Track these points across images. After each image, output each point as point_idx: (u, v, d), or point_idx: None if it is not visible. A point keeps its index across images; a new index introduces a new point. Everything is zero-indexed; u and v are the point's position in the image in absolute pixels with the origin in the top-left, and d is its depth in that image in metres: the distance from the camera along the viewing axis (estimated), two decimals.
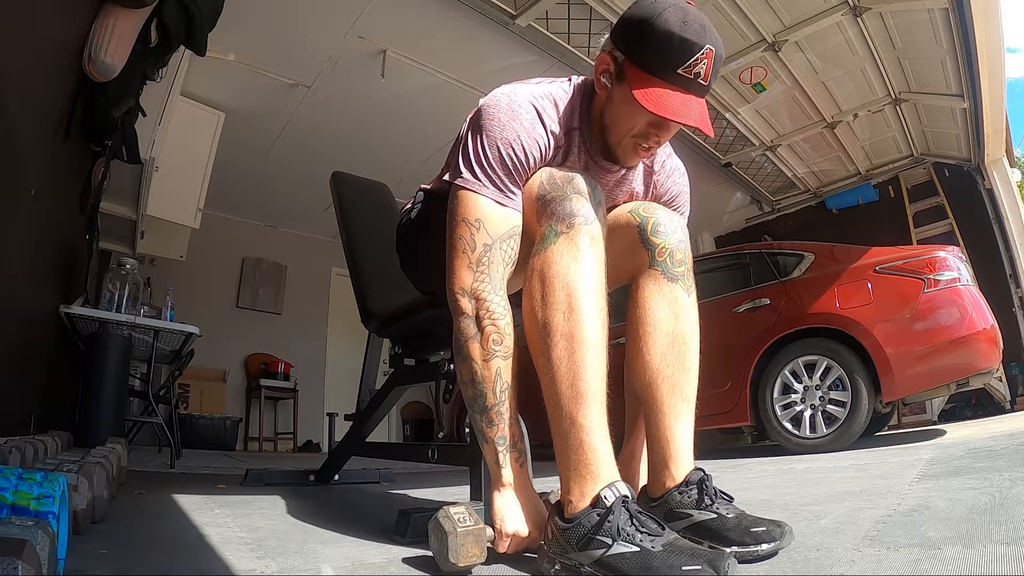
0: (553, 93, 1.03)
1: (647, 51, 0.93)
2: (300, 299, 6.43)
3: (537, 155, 0.98)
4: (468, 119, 1.03)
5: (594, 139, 1.05)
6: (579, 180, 0.93)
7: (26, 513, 0.71)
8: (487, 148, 0.96)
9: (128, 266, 3.06)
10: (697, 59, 0.91)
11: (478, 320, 0.93)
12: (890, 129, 4.88)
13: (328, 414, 2.53)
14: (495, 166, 0.95)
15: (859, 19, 3.58)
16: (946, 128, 4.65)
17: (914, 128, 4.83)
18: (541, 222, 0.92)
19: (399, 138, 4.61)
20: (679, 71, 0.91)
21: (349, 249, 1.79)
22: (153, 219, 4.03)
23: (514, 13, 3.46)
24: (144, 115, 2.86)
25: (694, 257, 1.10)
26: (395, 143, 4.64)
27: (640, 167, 1.14)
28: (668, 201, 1.18)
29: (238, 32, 3.30)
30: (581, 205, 0.91)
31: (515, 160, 0.96)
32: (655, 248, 1.03)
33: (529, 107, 0.99)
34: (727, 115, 4.59)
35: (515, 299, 0.99)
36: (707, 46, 0.91)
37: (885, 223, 5.23)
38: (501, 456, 0.93)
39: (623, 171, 1.10)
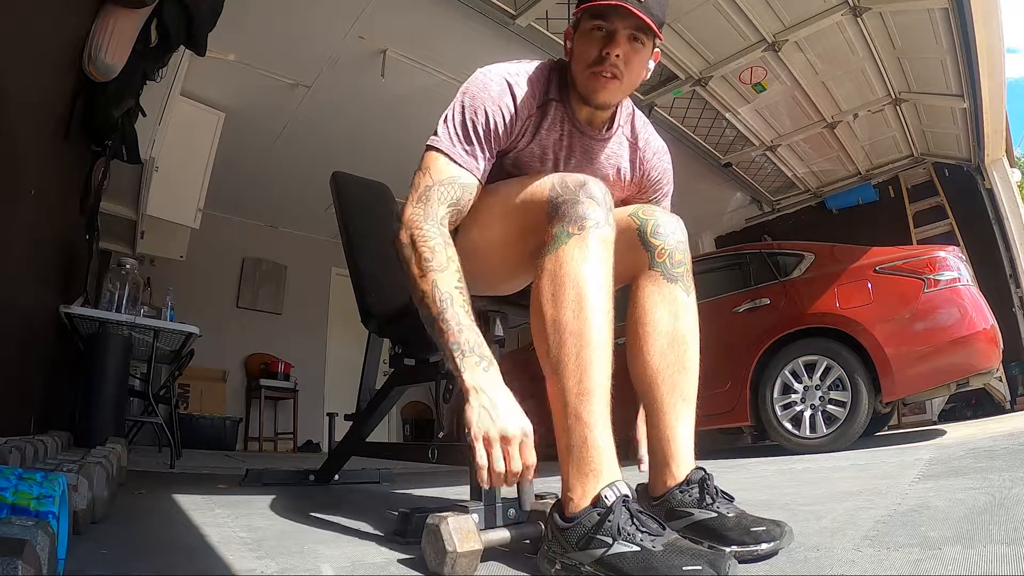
0: (528, 70, 1.10)
1: None
2: (300, 299, 6.42)
3: (502, 122, 1.05)
4: None
5: (574, 107, 1.11)
6: (591, 185, 0.94)
7: (26, 513, 0.71)
8: (454, 115, 1.05)
9: (128, 266, 3.06)
10: None
11: (413, 244, 0.96)
12: (890, 129, 4.88)
13: (328, 414, 2.53)
14: (457, 128, 1.04)
15: (859, 19, 3.58)
16: (946, 128, 4.65)
17: (914, 128, 4.83)
18: (553, 224, 0.93)
19: (399, 138, 4.59)
20: None
21: (349, 249, 1.79)
22: (153, 219, 4.02)
23: (514, 13, 3.46)
24: (144, 115, 2.86)
25: (694, 257, 1.12)
26: (395, 143, 4.62)
27: (624, 142, 1.20)
28: (656, 179, 1.24)
29: (238, 32, 3.30)
30: (592, 209, 0.92)
31: (475, 122, 1.03)
32: (655, 249, 1.06)
33: (500, 80, 1.06)
34: (727, 115, 4.58)
35: (520, 297, 0.99)
36: None
37: (885, 223, 5.23)
38: (458, 360, 0.88)
39: (606, 139, 1.15)
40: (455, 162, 1.02)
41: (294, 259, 6.43)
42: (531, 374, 0.94)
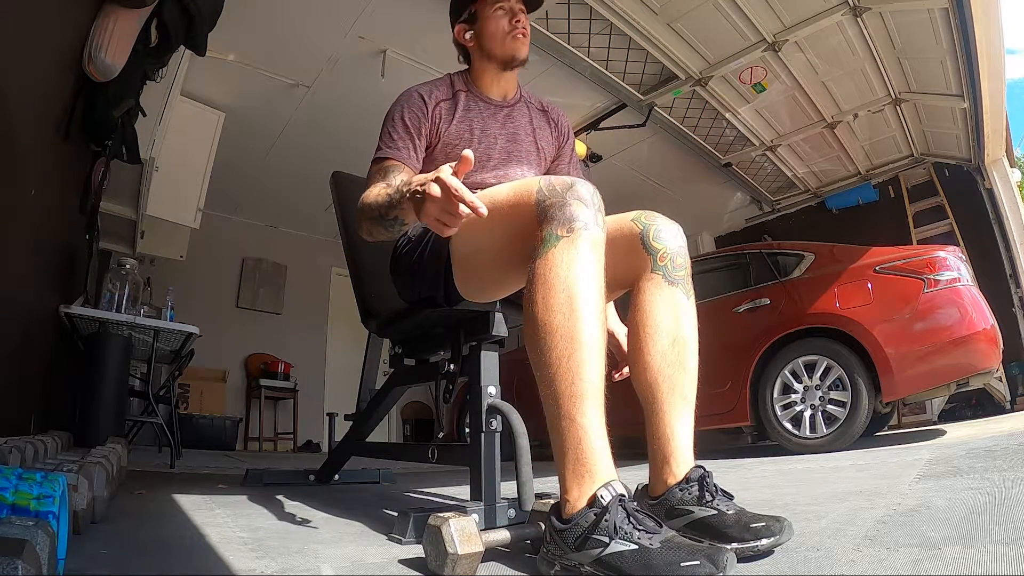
0: (433, 81, 1.41)
1: None
2: (300, 299, 6.42)
3: (412, 116, 1.31)
4: None
5: (484, 87, 1.41)
6: (579, 187, 0.94)
7: (26, 513, 0.71)
8: (381, 132, 1.32)
9: (128, 266, 3.06)
10: None
11: (359, 204, 1.17)
12: (890, 129, 4.87)
13: (328, 414, 2.53)
14: (382, 139, 1.31)
15: (859, 19, 3.58)
16: (946, 128, 4.65)
17: (914, 128, 4.83)
18: (542, 227, 0.93)
19: None
20: None
21: (349, 249, 1.79)
22: (153, 219, 4.02)
23: None
24: (144, 115, 2.86)
25: (694, 257, 1.13)
26: None
27: (535, 109, 1.48)
28: (566, 132, 1.51)
29: (238, 32, 3.30)
30: (581, 210, 0.92)
31: (396, 126, 1.30)
32: (657, 253, 1.08)
33: (408, 92, 1.36)
34: (727, 115, 4.58)
35: (519, 298, 0.99)
36: None
37: (885, 223, 5.23)
38: (399, 197, 0.99)
39: (515, 103, 1.43)
40: (383, 158, 1.27)
41: (294, 259, 6.43)
42: (527, 374, 0.94)
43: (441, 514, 0.88)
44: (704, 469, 0.99)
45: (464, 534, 0.85)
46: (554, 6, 3.44)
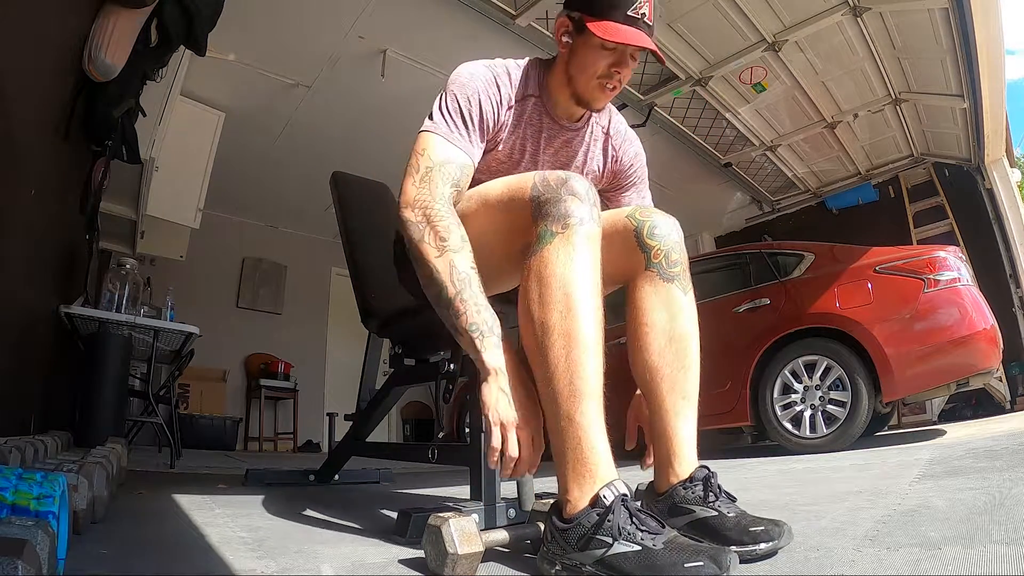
0: (508, 66, 1.18)
1: (599, 3, 1.09)
2: (300, 299, 6.42)
3: (489, 108, 1.11)
4: None
5: (554, 101, 1.19)
6: (573, 182, 0.93)
7: (26, 513, 0.71)
8: (447, 101, 1.09)
9: (128, 266, 3.06)
10: (641, 2, 1.08)
11: (428, 221, 0.96)
12: (890, 129, 4.88)
13: (328, 414, 2.53)
14: (451, 113, 1.08)
15: (859, 19, 3.58)
16: (946, 128, 4.65)
17: (914, 128, 4.83)
18: (537, 223, 0.92)
19: (399, 138, 4.55)
20: (628, 13, 1.07)
21: (349, 249, 1.79)
22: (153, 219, 4.03)
23: (514, 13, 3.46)
24: (144, 115, 2.86)
25: (694, 257, 1.12)
26: (395, 143, 4.60)
27: (598, 132, 1.28)
28: (628, 163, 1.31)
29: (238, 32, 3.29)
30: (576, 206, 0.91)
31: (470, 109, 1.09)
32: (651, 250, 1.06)
33: (486, 71, 1.14)
34: (727, 115, 4.58)
35: (512, 296, 0.99)
36: None
37: (885, 223, 5.24)
38: (478, 342, 0.90)
39: (579, 128, 1.24)
40: (452, 144, 1.05)
41: (294, 259, 6.43)
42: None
43: (441, 514, 0.88)
44: (709, 469, 0.99)
45: (464, 534, 0.85)
46: (554, 6, 3.44)
